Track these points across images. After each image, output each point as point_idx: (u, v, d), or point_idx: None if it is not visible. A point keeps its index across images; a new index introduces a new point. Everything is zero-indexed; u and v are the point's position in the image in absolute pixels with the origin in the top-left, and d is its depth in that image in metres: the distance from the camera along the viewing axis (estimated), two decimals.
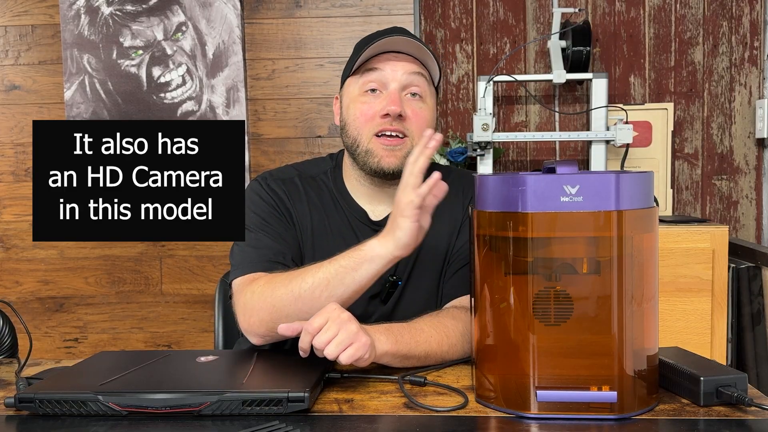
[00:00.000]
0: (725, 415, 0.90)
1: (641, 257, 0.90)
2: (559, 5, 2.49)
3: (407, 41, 1.24)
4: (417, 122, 1.25)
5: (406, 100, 1.25)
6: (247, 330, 1.17)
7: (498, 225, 0.92)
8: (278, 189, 1.31)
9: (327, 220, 1.30)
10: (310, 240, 1.29)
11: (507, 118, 2.56)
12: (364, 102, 1.25)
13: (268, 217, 1.28)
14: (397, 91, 1.24)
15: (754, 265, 2.12)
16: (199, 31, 2.51)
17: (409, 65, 1.25)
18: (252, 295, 1.15)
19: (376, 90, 1.25)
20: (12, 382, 1.13)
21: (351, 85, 1.29)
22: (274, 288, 1.13)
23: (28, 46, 2.58)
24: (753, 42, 2.48)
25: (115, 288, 2.62)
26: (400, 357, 1.09)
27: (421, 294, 1.29)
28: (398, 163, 1.23)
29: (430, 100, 1.28)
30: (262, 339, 1.17)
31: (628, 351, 0.89)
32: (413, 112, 1.25)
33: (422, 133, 1.23)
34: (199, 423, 0.92)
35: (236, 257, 1.25)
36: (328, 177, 1.34)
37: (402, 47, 1.25)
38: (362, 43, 1.29)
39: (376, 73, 1.25)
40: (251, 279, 1.19)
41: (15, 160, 2.61)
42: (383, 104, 1.23)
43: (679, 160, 2.52)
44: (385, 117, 1.23)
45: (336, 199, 1.32)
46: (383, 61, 1.25)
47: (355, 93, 1.27)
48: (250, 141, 2.55)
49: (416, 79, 1.25)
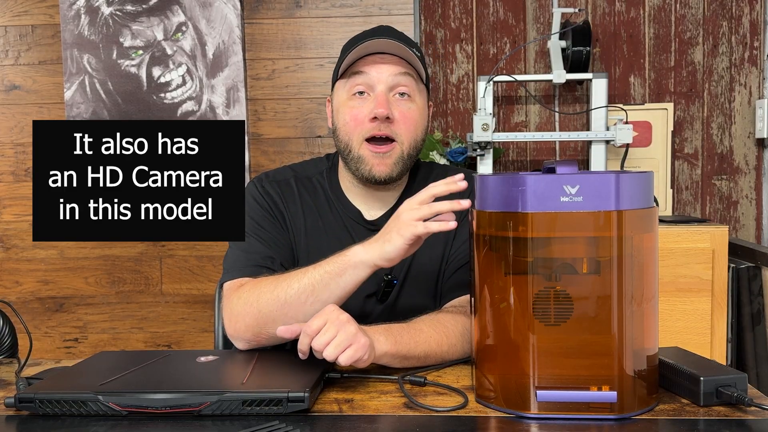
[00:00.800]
0: (725, 415, 0.90)
1: (641, 257, 0.90)
2: (559, 5, 2.49)
3: (390, 43, 1.23)
4: (406, 124, 1.24)
5: (395, 101, 1.24)
6: (233, 335, 1.18)
7: (498, 225, 0.92)
8: (273, 191, 1.32)
9: (321, 221, 1.30)
10: (304, 242, 1.30)
11: (507, 118, 2.56)
12: (352, 106, 1.25)
13: (261, 221, 1.29)
14: (384, 93, 1.23)
15: (754, 265, 2.12)
16: (199, 31, 2.51)
17: (394, 66, 1.24)
18: (238, 301, 1.16)
19: (363, 92, 1.25)
20: (12, 382, 1.13)
21: (339, 88, 1.29)
22: (260, 293, 1.13)
23: (28, 46, 2.58)
24: (753, 42, 2.48)
25: (115, 288, 2.62)
26: (400, 357, 1.09)
27: (418, 294, 1.29)
28: (389, 171, 1.24)
29: (419, 99, 1.27)
30: (248, 344, 1.18)
31: (628, 351, 0.89)
32: (401, 113, 1.24)
33: (412, 134, 1.25)
34: (199, 423, 0.92)
35: (228, 261, 1.27)
36: (324, 178, 1.35)
37: (386, 48, 1.24)
38: (348, 45, 1.29)
39: (362, 77, 1.24)
40: (239, 284, 1.21)
41: (15, 160, 2.61)
42: (371, 107, 1.23)
43: (679, 160, 2.52)
44: (374, 120, 1.22)
45: (331, 199, 1.32)
46: (369, 63, 1.24)
47: (343, 97, 1.27)
48: (250, 141, 2.55)
49: (403, 79, 1.24)
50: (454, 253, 1.29)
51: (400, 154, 1.25)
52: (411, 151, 1.26)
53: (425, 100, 1.31)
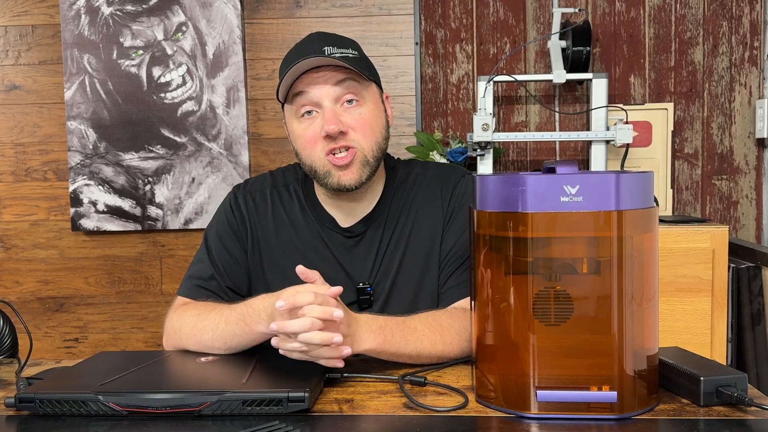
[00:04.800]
0: (725, 415, 0.90)
1: (641, 257, 0.90)
2: (559, 5, 2.49)
3: (319, 59, 1.18)
4: (361, 130, 1.22)
5: (344, 110, 1.22)
6: (164, 346, 1.26)
7: (498, 225, 0.92)
8: (245, 206, 1.33)
9: (296, 233, 1.31)
10: (278, 256, 1.30)
11: (507, 118, 2.56)
12: (304, 128, 1.23)
13: (223, 236, 1.33)
14: (330, 107, 1.21)
15: (754, 265, 2.12)
16: (199, 31, 2.51)
17: (332, 78, 1.20)
18: (169, 322, 1.24)
19: (311, 111, 1.22)
20: (12, 382, 1.13)
21: (288, 113, 1.27)
22: (183, 324, 1.21)
23: (28, 46, 2.58)
24: (753, 42, 2.48)
25: (115, 288, 2.62)
26: (387, 355, 1.09)
27: (406, 298, 1.28)
28: (357, 177, 1.22)
29: (369, 98, 1.24)
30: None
31: (628, 351, 0.89)
32: (354, 121, 1.22)
33: (370, 138, 1.24)
34: (199, 423, 0.92)
35: (187, 270, 1.34)
36: (300, 185, 1.35)
37: (318, 63, 1.20)
38: (283, 67, 1.25)
39: (304, 97, 1.22)
40: (181, 302, 1.29)
41: (15, 160, 2.62)
42: (321, 124, 1.21)
43: (679, 160, 2.52)
44: (327, 137, 1.21)
45: (305, 208, 1.32)
46: (306, 83, 1.21)
47: (293, 121, 1.25)
48: (250, 141, 2.55)
49: (346, 87, 1.21)
50: (447, 257, 1.28)
51: (363, 158, 1.22)
52: (375, 153, 1.24)
53: (377, 95, 1.27)
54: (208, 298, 1.28)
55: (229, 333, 1.14)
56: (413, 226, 1.29)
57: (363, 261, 1.28)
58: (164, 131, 2.54)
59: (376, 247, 1.28)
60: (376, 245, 1.28)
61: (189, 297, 1.29)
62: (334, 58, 1.18)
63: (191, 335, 1.19)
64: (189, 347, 1.20)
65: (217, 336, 1.16)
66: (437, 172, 1.34)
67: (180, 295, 1.31)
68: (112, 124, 2.54)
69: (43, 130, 2.60)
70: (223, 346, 1.16)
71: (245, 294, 1.32)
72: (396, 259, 1.28)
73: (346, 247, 1.29)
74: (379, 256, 1.28)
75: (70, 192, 2.56)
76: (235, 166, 2.53)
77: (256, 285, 1.32)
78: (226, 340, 1.15)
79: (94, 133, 2.55)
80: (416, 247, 1.28)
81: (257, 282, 1.32)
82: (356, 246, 1.29)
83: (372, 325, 1.08)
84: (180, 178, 2.55)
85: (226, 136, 2.53)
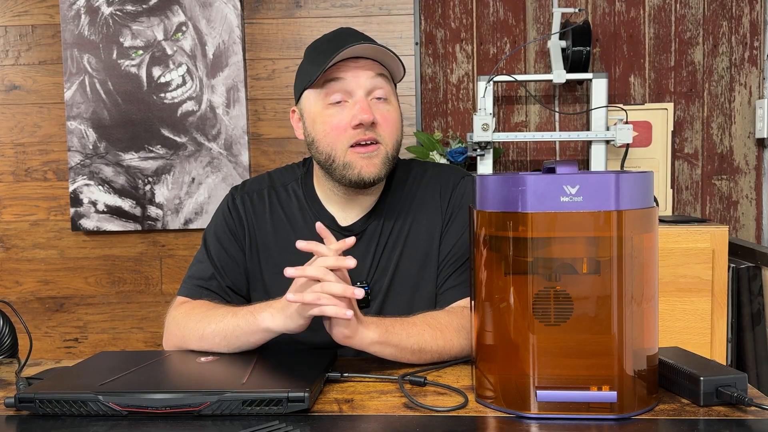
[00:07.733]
0: (725, 415, 0.90)
1: (641, 257, 0.90)
2: (559, 5, 2.49)
3: (368, 47, 1.19)
4: (387, 127, 1.23)
5: (374, 105, 1.22)
6: (164, 346, 1.25)
7: (498, 225, 0.92)
8: (242, 207, 1.33)
9: (294, 233, 1.30)
10: (274, 256, 1.30)
11: (507, 118, 2.56)
12: (331, 115, 1.22)
13: (221, 237, 1.33)
14: (364, 98, 1.21)
15: (754, 265, 2.12)
16: (199, 31, 2.51)
17: (369, 70, 1.22)
18: (172, 320, 1.24)
19: (341, 101, 1.22)
20: (12, 382, 1.13)
21: (311, 98, 1.25)
22: (187, 322, 1.21)
23: (28, 46, 2.58)
24: (753, 42, 2.48)
25: (115, 288, 2.62)
26: (391, 347, 1.09)
27: (403, 298, 1.28)
28: (377, 172, 1.22)
29: (394, 100, 1.27)
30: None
31: (628, 351, 0.89)
32: (382, 117, 1.22)
33: (394, 136, 1.25)
34: (199, 423, 0.92)
35: (187, 272, 1.34)
36: (299, 185, 1.35)
37: (364, 52, 1.21)
38: (315, 53, 1.24)
39: (338, 83, 1.21)
40: (180, 302, 1.29)
41: (15, 160, 2.62)
42: (352, 113, 1.20)
43: (679, 160, 2.52)
44: (358, 127, 1.20)
45: (305, 208, 1.32)
46: (343, 69, 1.21)
47: (318, 107, 1.24)
48: (250, 141, 2.55)
49: (379, 82, 1.22)
50: (446, 258, 1.28)
51: (385, 154, 1.23)
52: (394, 152, 1.26)
53: (398, 99, 1.29)
54: (209, 297, 1.28)
55: (233, 325, 1.14)
56: (411, 226, 1.29)
57: (361, 260, 1.28)
58: (164, 131, 2.54)
59: (374, 247, 1.29)
60: (374, 244, 1.29)
61: (190, 297, 1.30)
62: (381, 47, 1.20)
63: (195, 330, 1.18)
64: (190, 340, 1.19)
65: (221, 329, 1.15)
66: (436, 172, 1.35)
67: (180, 295, 1.31)
68: (112, 124, 2.55)
69: (43, 130, 2.60)
70: (224, 341, 1.15)
71: (245, 294, 1.32)
72: (393, 259, 1.28)
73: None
74: (377, 256, 1.28)
75: (70, 192, 2.56)
76: (235, 166, 2.53)
77: (255, 285, 1.32)
78: (228, 333, 1.14)
79: (94, 133, 2.55)
80: (414, 247, 1.28)
81: (255, 282, 1.32)
82: (354, 245, 1.29)
83: (372, 319, 1.10)
84: (180, 178, 2.55)
85: (226, 136, 2.53)
